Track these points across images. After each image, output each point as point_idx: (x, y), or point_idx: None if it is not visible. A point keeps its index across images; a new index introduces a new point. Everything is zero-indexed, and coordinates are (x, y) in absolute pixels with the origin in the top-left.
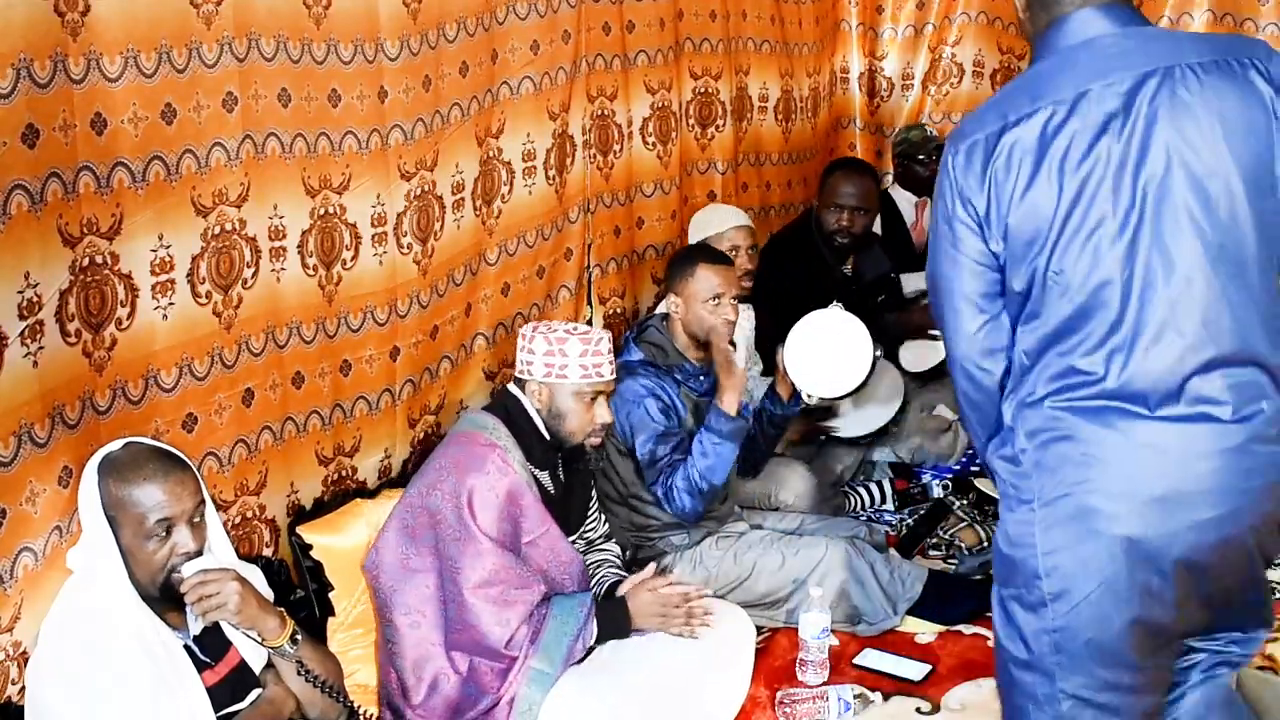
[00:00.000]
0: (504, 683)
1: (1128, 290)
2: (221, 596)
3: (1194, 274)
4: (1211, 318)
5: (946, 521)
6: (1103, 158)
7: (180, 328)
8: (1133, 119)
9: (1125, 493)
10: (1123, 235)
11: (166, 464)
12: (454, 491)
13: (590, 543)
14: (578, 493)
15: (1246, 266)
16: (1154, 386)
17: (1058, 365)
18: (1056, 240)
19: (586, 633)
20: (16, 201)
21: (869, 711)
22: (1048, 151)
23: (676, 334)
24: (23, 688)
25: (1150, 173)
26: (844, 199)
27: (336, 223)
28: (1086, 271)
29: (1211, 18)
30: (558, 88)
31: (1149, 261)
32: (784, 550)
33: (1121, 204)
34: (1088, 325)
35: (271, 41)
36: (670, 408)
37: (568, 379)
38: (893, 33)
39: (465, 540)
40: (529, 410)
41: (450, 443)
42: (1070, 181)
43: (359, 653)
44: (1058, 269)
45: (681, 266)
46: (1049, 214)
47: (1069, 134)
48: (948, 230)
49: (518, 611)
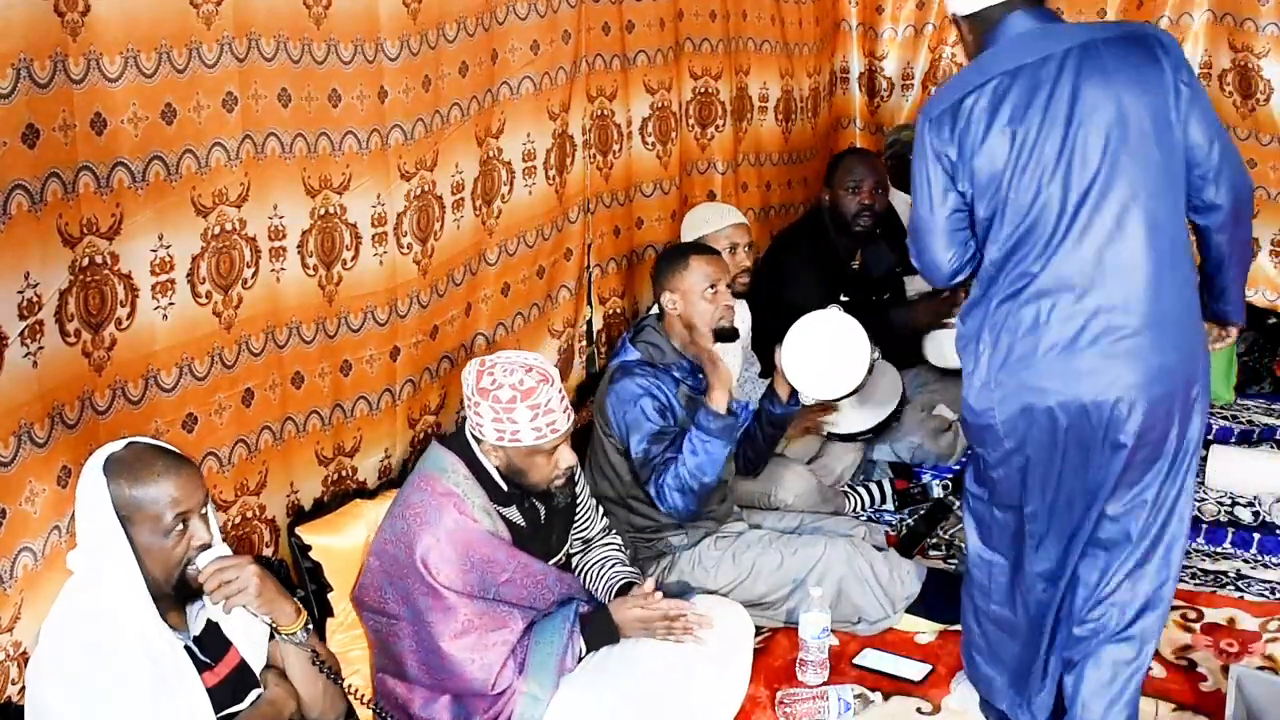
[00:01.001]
0: (491, 703)
1: (1063, 207)
2: (242, 581)
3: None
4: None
5: (946, 521)
6: (1039, 110)
7: (180, 328)
8: (1060, 81)
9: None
10: (1058, 167)
11: (174, 459)
12: (410, 549)
13: (589, 541)
14: (556, 516)
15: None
16: (1079, 276)
17: (1014, 271)
18: (1010, 176)
19: (573, 647)
20: (16, 201)
21: (869, 711)
22: (998, 110)
23: (674, 331)
24: (23, 688)
25: (1078, 120)
26: (861, 178)
27: (336, 223)
28: (1031, 197)
29: (1211, 18)
30: (558, 88)
31: (1079, 185)
32: (782, 550)
33: (1054, 144)
34: (1033, 237)
35: (271, 41)
36: (667, 407)
37: (521, 442)
38: (893, 33)
39: (433, 596)
40: (485, 466)
41: (414, 484)
42: (1017, 131)
43: (359, 653)
44: (1012, 196)
45: (673, 263)
46: (1003, 156)
47: (1012, 97)
48: (926, 180)
49: (497, 653)
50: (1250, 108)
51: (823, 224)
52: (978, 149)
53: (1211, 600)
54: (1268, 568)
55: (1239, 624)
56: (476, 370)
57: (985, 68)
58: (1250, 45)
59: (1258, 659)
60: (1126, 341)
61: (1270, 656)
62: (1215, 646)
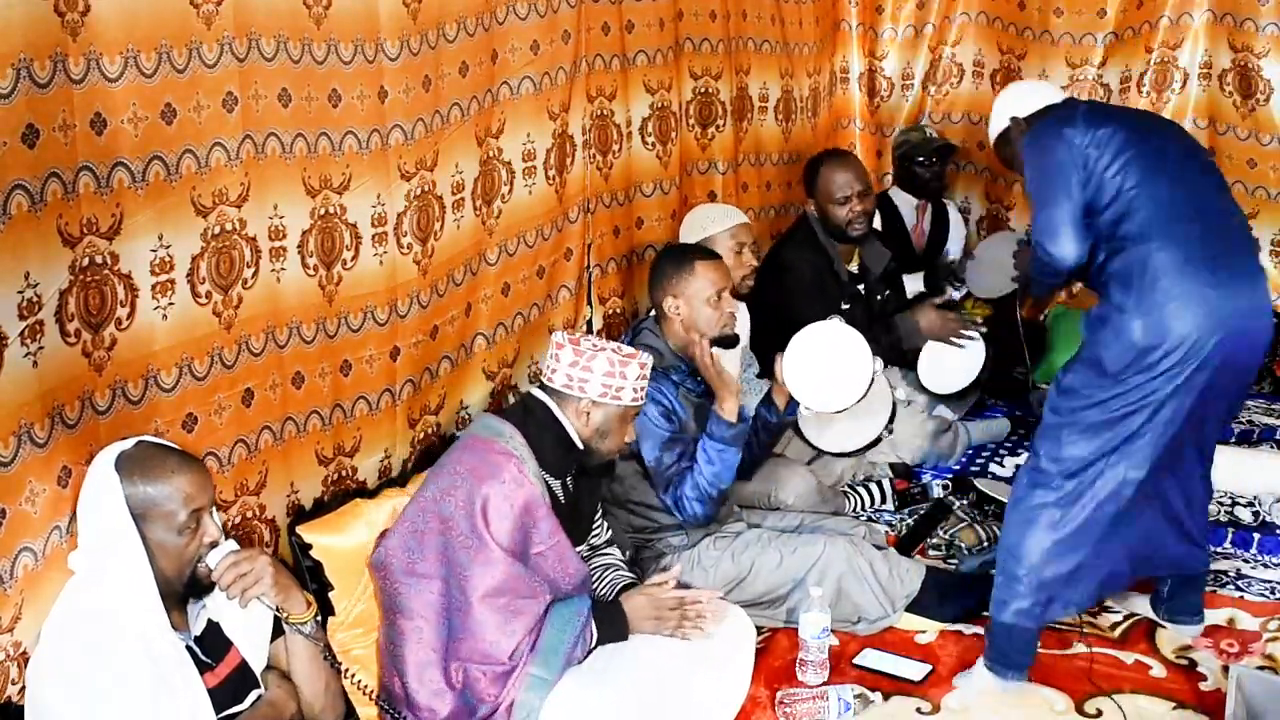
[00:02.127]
0: (501, 689)
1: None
2: (257, 572)
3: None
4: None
5: (946, 521)
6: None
7: (180, 328)
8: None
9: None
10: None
11: (185, 457)
12: (468, 499)
13: (594, 548)
14: (586, 500)
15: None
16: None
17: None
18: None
19: (585, 637)
20: (16, 201)
21: (869, 711)
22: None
23: (673, 335)
24: (23, 688)
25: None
26: (847, 188)
27: (337, 223)
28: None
29: (1211, 18)
30: (558, 88)
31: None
32: (782, 549)
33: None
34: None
35: (271, 41)
36: (670, 411)
37: (622, 400)
38: (893, 33)
39: (477, 548)
40: (563, 422)
41: (464, 448)
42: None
43: (359, 653)
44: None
45: (677, 266)
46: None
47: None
48: (1067, 181)
49: (523, 622)
50: (1250, 108)
51: (812, 232)
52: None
53: (1212, 600)
54: (1268, 567)
55: (1239, 624)
56: (569, 338)
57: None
58: (1250, 45)
59: (1258, 659)
60: None
61: (1270, 656)
62: (1215, 646)
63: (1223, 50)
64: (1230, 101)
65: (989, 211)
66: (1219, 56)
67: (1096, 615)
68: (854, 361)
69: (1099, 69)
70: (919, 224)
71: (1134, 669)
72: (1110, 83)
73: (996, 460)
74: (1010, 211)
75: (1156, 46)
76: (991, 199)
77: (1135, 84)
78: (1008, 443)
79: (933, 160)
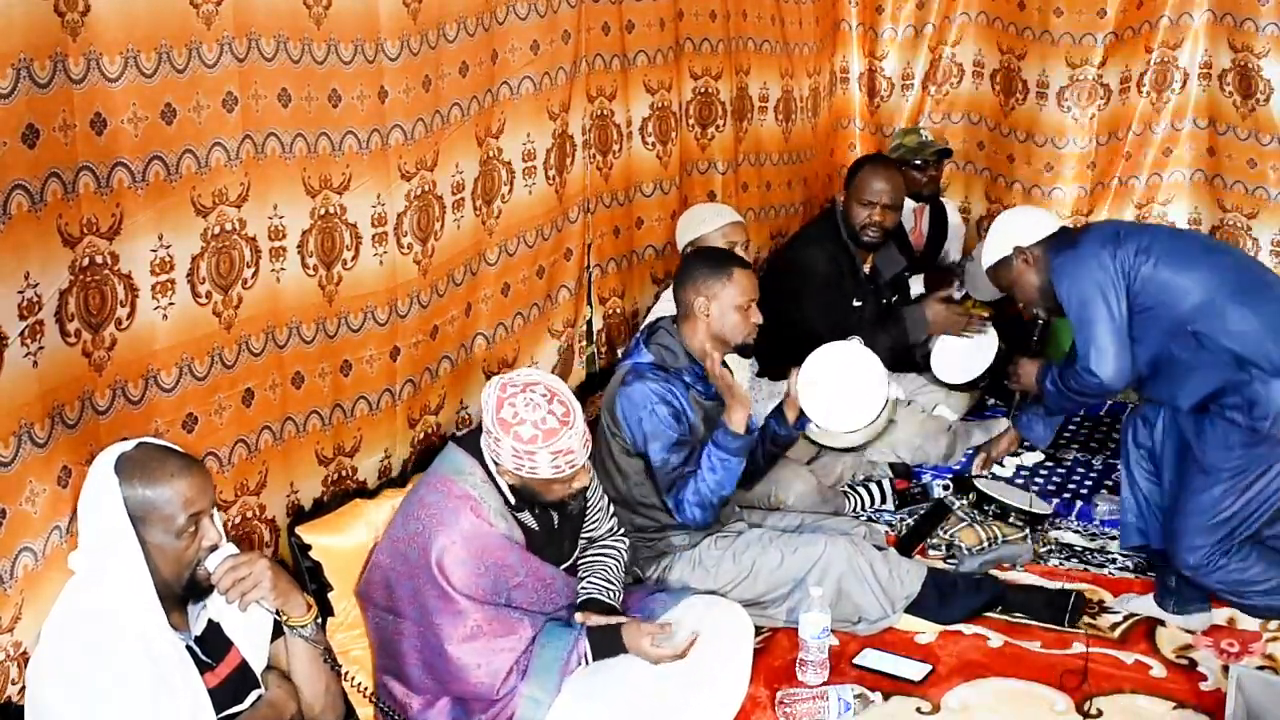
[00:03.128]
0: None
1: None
2: (255, 576)
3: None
4: None
5: (946, 521)
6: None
7: (180, 328)
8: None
9: None
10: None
11: (186, 460)
12: (425, 550)
13: (593, 541)
14: (568, 522)
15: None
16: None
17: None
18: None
19: (577, 654)
20: (16, 201)
21: (869, 711)
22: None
23: (692, 335)
24: (23, 688)
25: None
26: (876, 195)
27: (337, 223)
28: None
29: (1211, 18)
30: (558, 88)
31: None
32: (782, 549)
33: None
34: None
35: (271, 41)
36: (680, 412)
37: (539, 474)
38: (893, 33)
39: (442, 599)
40: (498, 483)
41: (429, 485)
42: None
43: (359, 653)
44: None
45: (715, 270)
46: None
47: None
48: (1105, 301)
49: (504, 660)
50: (1250, 108)
51: (837, 226)
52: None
53: (1212, 600)
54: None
55: (1239, 624)
56: (497, 397)
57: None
58: (1250, 45)
59: (1258, 659)
60: None
61: (1270, 656)
62: (1216, 646)
63: (1223, 50)
64: (1230, 101)
65: (989, 211)
66: (1219, 56)
67: (1096, 615)
68: (869, 384)
69: (1099, 69)
70: (917, 226)
71: (1134, 669)
72: (1110, 83)
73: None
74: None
75: (1156, 46)
76: (991, 199)
77: (1135, 84)
78: None
79: (928, 164)
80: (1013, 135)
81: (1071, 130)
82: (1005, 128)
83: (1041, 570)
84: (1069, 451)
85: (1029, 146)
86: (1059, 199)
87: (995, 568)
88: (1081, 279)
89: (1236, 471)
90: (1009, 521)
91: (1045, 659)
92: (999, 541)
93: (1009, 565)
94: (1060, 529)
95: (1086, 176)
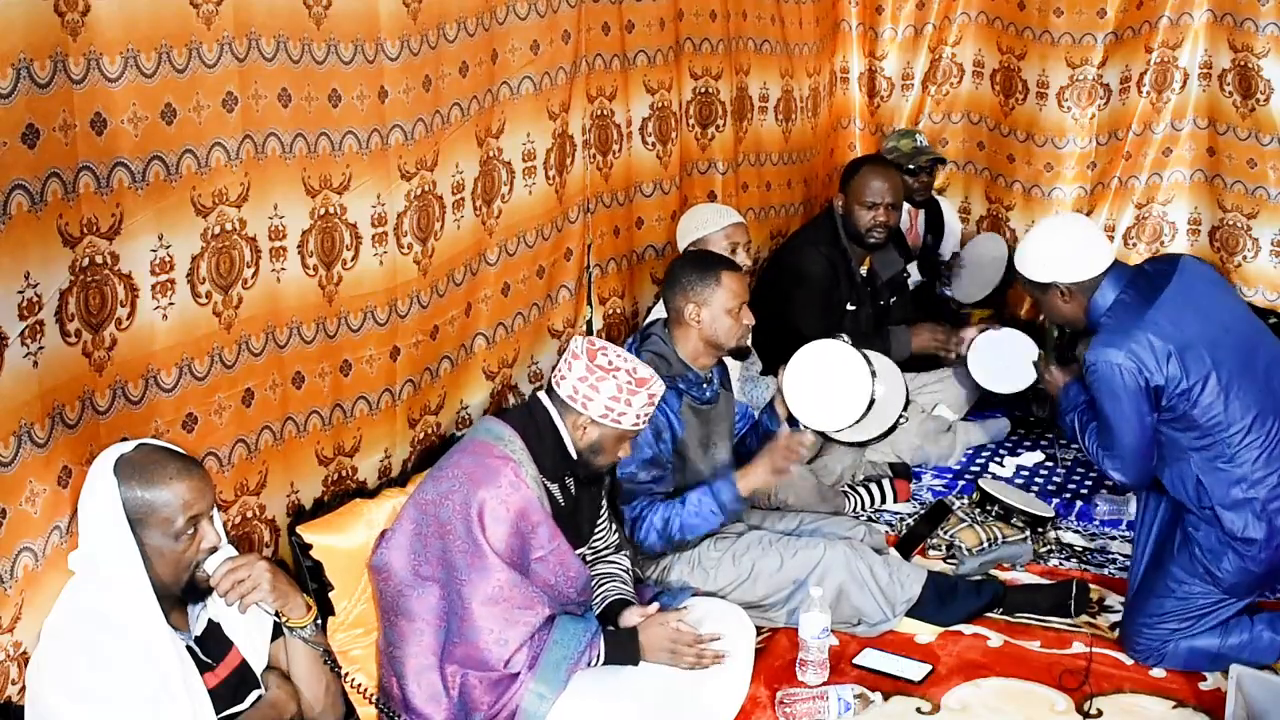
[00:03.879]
0: (495, 698)
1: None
2: (255, 578)
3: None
4: None
5: (946, 522)
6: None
7: (180, 328)
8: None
9: None
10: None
11: (185, 462)
12: (464, 504)
13: (598, 553)
14: (587, 504)
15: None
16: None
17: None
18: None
19: (588, 658)
20: (16, 201)
21: (869, 711)
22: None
23: (685, 340)
24: (23, 688)
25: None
26: (879, 195)
27: (337, 223)
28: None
29: (1211, 18)
30: (558, 88)
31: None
32: (782, 552)
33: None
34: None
35: (271, 41)
36: (665, 426)
37: (621, 425)
38: (893, 33)
39: (474, 554)
40: (562, 432)
41: (464, 450)
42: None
43: (359, 653)
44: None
45: (702, 275)
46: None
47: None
48: (1133, 410)
49: (519, 632)
50: (1250, 108)
51: (834, 228)
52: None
53: None
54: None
55: None
56: (588, 349)
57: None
58: (1250, 45)
59: None
60: None
61: None
62: None
63: (1223, 50)
64: (1230, 101)
65: (989, 211)
66: (1219, 56)
67: (1096, 615)
68: (852, 383)
69: (1099, 69)
70: (913, 227)
71: (1134, 669)
72: (1110, 83)
73: (996, 460)
74: (1010, 211)
75: (1156, 46)
76: (991, 199)
77: (1135, 84)
78: (1008, 443)
79: (921, 169)
80: (1013, 135)
81: (1071, 130)
82: (1005, 127)
83: (1041, 570)
84: (1069, 451)
85: (1029, 146)
86: (1059, 199)
87: (995, 568)
88: (1113, 380)
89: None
90: (1010, 522)
91: (1045, 659)
92: (999, 542)
93: (1009, 565)
94: (1060, 529)
95: (1086, 176)
